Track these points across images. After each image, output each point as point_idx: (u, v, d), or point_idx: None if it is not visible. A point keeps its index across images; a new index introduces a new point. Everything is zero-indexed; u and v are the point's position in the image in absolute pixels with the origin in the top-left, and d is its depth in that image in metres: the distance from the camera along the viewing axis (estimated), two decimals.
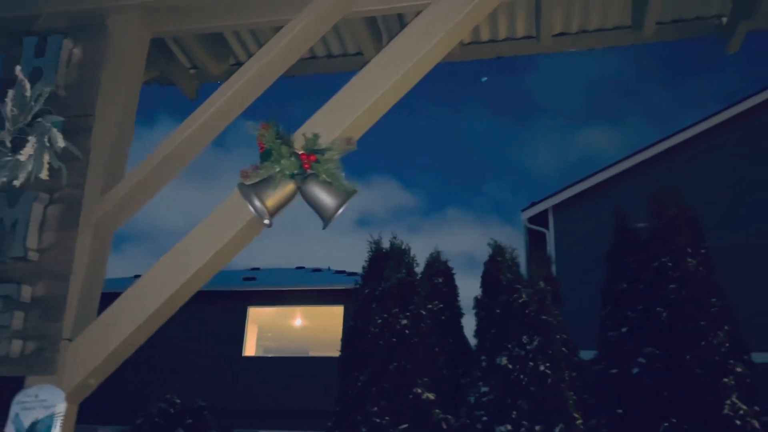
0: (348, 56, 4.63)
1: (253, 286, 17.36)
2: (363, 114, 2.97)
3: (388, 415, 7.31)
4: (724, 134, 14.14)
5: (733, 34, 3.98)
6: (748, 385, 7.13)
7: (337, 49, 4.71)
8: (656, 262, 7.46)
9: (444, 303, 8.56)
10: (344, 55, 4.68)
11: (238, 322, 17.14)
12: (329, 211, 2.72)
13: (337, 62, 4.68)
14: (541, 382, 7.19)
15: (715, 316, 7.26)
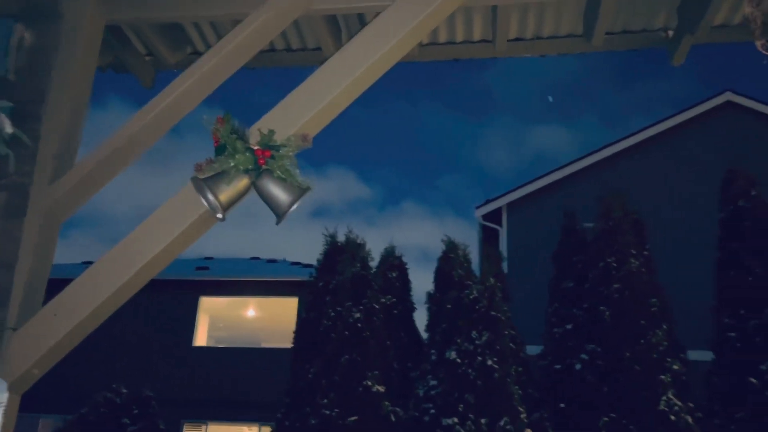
0: (308, 51, 4.66)
1: (205, 275, 17.13)
2: (319, 112, 3.01)
3: (337, 407, 7.37)
4: (671, 139, 14.71)
5: (677, 47, 4.17)
6: (683, 382, 7.50)
7: (296, 44, 4.73)
8: (602, 262, 7.74)
9: (397, 297, 8.67)
10: (304, 49, 4.70)
11: (189, 311, 16.89)
12: (282, 207, 2.75)
13: (296, 56, 4.69)
14: (488, 376, 7.38)
15: (654, 316, 7.59)
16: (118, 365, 15.46)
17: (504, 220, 15.35)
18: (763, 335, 6.99)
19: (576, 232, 8.67)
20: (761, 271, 7.22)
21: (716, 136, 14.40)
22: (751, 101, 14.73)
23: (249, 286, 17.11)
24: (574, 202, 11.38)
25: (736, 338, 7.19)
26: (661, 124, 14.90)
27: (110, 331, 16.31)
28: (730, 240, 7.63)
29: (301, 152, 2.89)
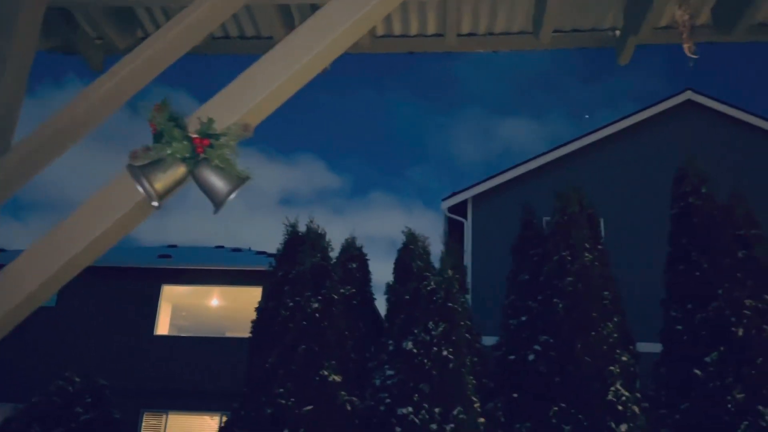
0: (262, 39, 4.63)
1: (168, 263, 16.92)
2: (262, 101, 2.99)
3: (293, 396, 7.39)
4: (633, 136, 15.02)
5: (624, 47, 4.25)
6: (632, 372, 7.71)
7: (251, 32, 4.70)
8: (557, 255, 7.89)
9: (357, 288, 8.70)
10: (258, 37, 4.68)
11: (151, 300, 16.68)
12: (220, 196, 2.74)
13: (250, 44, 4.66)
14: (443, 366, 7.48)
15: (606, 308, 7.78)
16: (76, 353, 15.20)
17: (469, 212, 15.49)
18: (708, 329, 7.22)
19: (533, 226, 8.82)
20: (708, 267, 7.45)
21: (676, 133, 14.75)
22: (710, 100, 15.12)
23: (212, 275, 16.96)
24: (538, 196, 11.55)
25: (683, 331, 7.43)
26: (624, 121, 15.20)
27: (68, 318, 16.06)
28: (680, 236, 7.85)
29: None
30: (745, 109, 14.76)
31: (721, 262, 7.40)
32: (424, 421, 7.20)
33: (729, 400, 6.83)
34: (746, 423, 6.72)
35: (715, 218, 7.67)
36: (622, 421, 7.01)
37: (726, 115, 14.84)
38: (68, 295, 16.43)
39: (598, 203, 14.10)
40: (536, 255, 8.43)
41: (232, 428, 7.65)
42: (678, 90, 15.23)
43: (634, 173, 14.49)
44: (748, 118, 14.64)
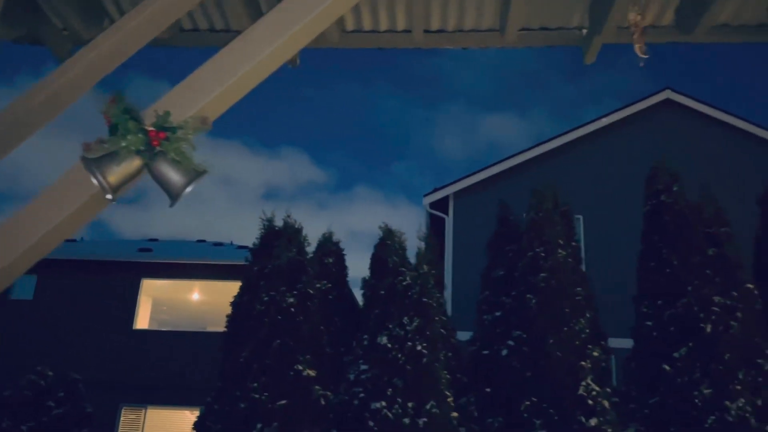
0: (231, 32, 4.63)
1: (148, 257, 16.82)
2: (221, 94, 2.99)
3: (267, 391, 7.39)
4: (612, 134, 15.14)
5: (589, 46, 4.30)
6: (603, 368, 7.81)
7: (220, 24, 4.70)
8: (531, 252, 7.96)
9: (333, 283, 8.71)
10: (227, 30, 4.68)
11: (130, 293, 16.58)
12: (176, 189, 2.74)
13: (219, 37, 4.65)
14: (417, 361, 7.52)
15: (578, 305, 7.87)
16: (53, 347, 15.08)
17: (451, 208, 15.55)
18: (677, 325, 7.33)
19: (509, 223, 8.89)
20: (678, 264, 7.56)
21: (655, 132, 14.89)
22: (689, 99, 15.28)
23: (193, 269, 16.89)
24: (519, 192, 11.60)
25: (653, 327, 7.53)
26: (604, 119, 15.32)
27: (45, 312, 15.90)
28: (651, 233, 7.95)
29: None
30: (723, 109, 14.94)
31: (691, 259, 7.51)
32: (398, 416, 7.24)
33: (697, 395, 6.95)
34: (713, 418, 6.84)
35: (685, 216, 7.78)
36: (593, 416, 7.11)
37: (704, 114, 15.01)
38: (45, 289, 16.30)
39: (578, 200, 14.25)
40: (511, 251, 8.50)
41: (206, 423, 7.64)
42: (660, 88, 15.37)
43: (614, 171, 14.61)
44: (726, 118, 14.83)
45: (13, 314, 14.57)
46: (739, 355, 7.19)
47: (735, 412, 6.79)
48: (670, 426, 7.06)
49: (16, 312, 15.02)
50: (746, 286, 7.64)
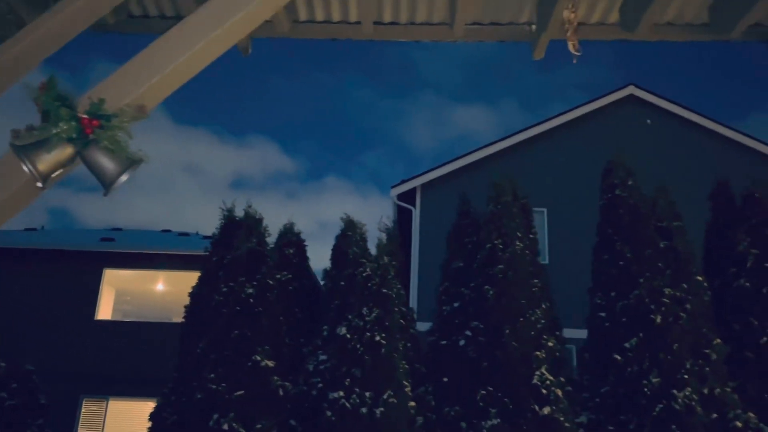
0: (168, 19, 4.59)
1: (110, 247, 16.53)
2: (158, 83, 2.97)
3: (224, 381, 7.37)
4: (576, 129, 15.37)
5: (537, 42, 4.36)
6: (557, 358, 7.96)
7: (170, 11, 4.64)
8: (489, 244, 8.06)
9: (294, 274, 8.70)
10: (178, 17, 4.61)
11: (92, 284, 16.29)
12: (109, 178, 2.72)
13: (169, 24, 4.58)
14: (376, 351, 7.57)
15: (535, 296, 8.01)
16: (11, 338, 14.75)
17: (418, 200, 15.62)
18: (629, 316, 7.52)
19: (469, 215, 8.98)
20: (631, 257, 7.74)
21: (618, 127, 15.16)
22: (652, 96, 15.58)
23: (156, 259, 16.66)
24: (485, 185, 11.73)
25: (606, 318, 7.71)
26: (569, 113, 15.54)
27: (3, 302, 15.51)
28: (606, 226, 8.12)
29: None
30: (684, 105, 15.27)
31: (643, 252, 7.70)
32: (355, 405, 7.29)
33: (646, 384, 7.14)
34: (661, 406, 7.04)
35: (639, 210, 7.96)
36: (546, 404, 7.25)
37: (665, 110, 15.33)
38: (4, 278, 15.92)
39: (542, 194, 14.47)
40: (471, 243, 8.59)
41: (162, 413, 7.59)
42: (628, 82, 15.64)
43: (578, 165, 14.83)
44: (686, 114, 15.16)
45: None
46: (688, 345, 7.41)
47: (682, 400, 7.00)
48: (620, 414, 7.25)
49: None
50: (696, 279, 7.87)
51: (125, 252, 16.53)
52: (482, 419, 7.30)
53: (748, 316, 7.69)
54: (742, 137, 14.84)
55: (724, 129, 14.93)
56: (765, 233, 8.04)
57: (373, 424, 7.20)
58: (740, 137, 14.84)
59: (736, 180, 9.00)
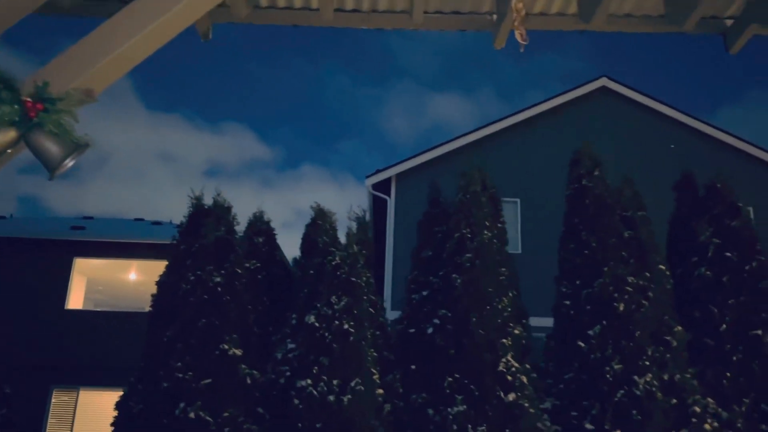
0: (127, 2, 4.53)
1: (81, 236, 16.30)
2: (105, 66, 2.93)
3: (191, 370, 7.35)
4: (550, 120, 15.50)
5: (498, 31, 4.38)
6: (523, 345, 8.07)
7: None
8: (458, 233, 8.11)
9: (263, 262, 8.68)
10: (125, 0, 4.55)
11: (62, 273, 16.07)
12: (53, 163, 2.69)
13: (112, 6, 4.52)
14: (344, 339, 7.61)
15: (502, 284, 8.09)
16: None
17: (393, 190, 15.65)
18: (593, 304, 7.64)
19: (440, 204, 9.02)
20: (596, 246, 7.86)
21: (591, 118, 15.33)
22: (624, 88, 15.76)
23: (127, 248, 16.48)
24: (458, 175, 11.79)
25: (571, 306, 7.83)
26: (543, 104, 15.67)
27: None
28: (572, 216, 8.23)
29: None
30: (654, 97, 15.48)
31: (608, 241, 7.82)
32: (323, 393, 7.33)
33: (608, 370, 7.28)
34: (622, 392, 7.19)
35: (605, 200, 8.08)
36: (511, 391, 7.36)
37: (636, 102, 15.52)
38: None
39: (516, 184, 14.60)
40: (440, 232, 8.64)
41: (128, 402, 7.54)
42: (603, 73, 15.79)
43: (551, 156, 14.95)
44: (656, 106, 15.37)
45: None
46: (649, 332, 7.57)
47: (642, 386, 7.16)
48: (583, 400, 7.38)
49: None
50: (659, 268, 8.02)
51: (96, 241, 16.32)
52: (448, 406, 7.38)
53: (708, 305, 7.88)
54: (710, 129, 15.10)
55: (693, 121, 15.19)
56: (726, 223, 8.23)
57: (340, 412, 7.25)
58: (708, 129, 15.10)
59: (704, 171, 9.17)
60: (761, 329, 7.70)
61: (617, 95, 15.76)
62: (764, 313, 7.83)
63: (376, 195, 15.76)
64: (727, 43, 4.52)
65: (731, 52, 4.46)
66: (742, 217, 8.26)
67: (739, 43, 4.44)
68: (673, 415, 7.22)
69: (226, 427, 7.15)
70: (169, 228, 18.36)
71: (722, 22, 4.50)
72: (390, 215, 15.35)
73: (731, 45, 4.48)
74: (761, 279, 7.97)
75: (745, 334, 7.75)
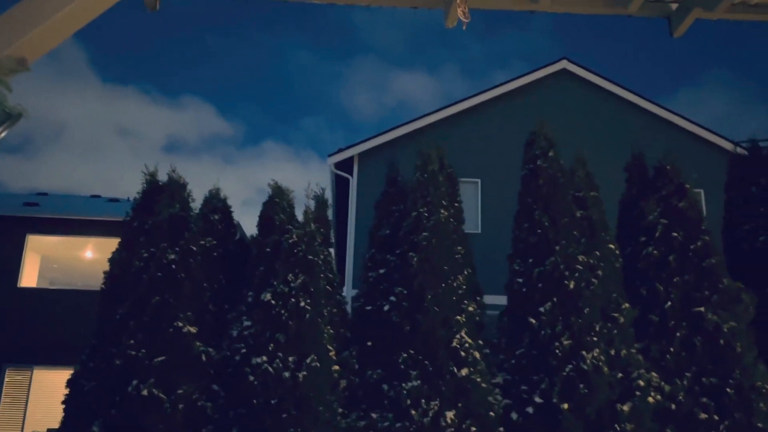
0: None
1: (34, 212, 15.87)
2: (39, 34, 2.85)
3: (144, 347, 7.29)
4: (511, 101, 15.63)
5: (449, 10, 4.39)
6: (477, 322, 8.24)
7: None
8: (415, 211, 8.18)
9: (218, 240, 8.60)
10: None
11: (14, 250, 15.65)
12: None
13: None
14: (300, 317, 7.64)
15: (457, 262, 8.22)
16: None
17: (355, 169, 15.61)
18: (544, 281, 7.83)
19: (397, 183, 9.07)
20: (549, 225, 8.02)
21: (551, 100, 15.51)
22: (583, 70, 15.96)
23: (84, 226, 16.12)
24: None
25: (523, 283, 8.01)
26: (505, 85, 15.77)
27: None
28: (526, 195, 8.37)
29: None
30: (612, 80, 15.74)
31: (560, 220, 8.00)
32: (278, 370, 7.36)
33: (557, 346, 7.50)
34: (570, 366, 7.42)
35: (558, 180, 8.24)
36: (464, 366, 7.52)
37: (595, 85, 15.77)
38: None
39: (477, 164, 14.73)
40: (397, 211, 8.70)
41: (80, 380, 7.45)
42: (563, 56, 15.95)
43: (512, 137, 15.05)
44: (613, 89, 15.64)
45: None
46: (598, 309, 7.80)
47: (590, 361, 7.40)
48: (533, 374, 7.60)
49: None
50: (608, 247, 8.25)
51: (50, 217, 15.92)
52: (403, 381, 7.51)
53: (655, 282, 8.15)
54: (666, 113, 15.46)
55: (649, 104, 15.52)
56: (674, 204, 8.49)
57: (295, 388, 7.30)
58: (665, 113, 15.45)
59: (658, 153, 9.39)
60: (704, 306, 8.01)
61: (576, 77, 15.97)
62: (707, 291, 8.14)
63: (339, 174, 15.71)
64: (671, 26, 4.63)
65: (675, 35, 4.57)
66: (689, 198, 8.53)
67: (683, 26, 4.55)
68: (619, 389, 7.49)
69: (180, 404, 7.13)
70: (126, 205, 17.84)
71: (667, 5, 4.60)
72: (352, 194, 15.33)
73: (675, 28, 4.59)
74: (705, 258, 8.27)
75: (688, 311, 8.05)
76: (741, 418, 7.45)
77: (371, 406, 7.67)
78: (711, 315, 7.91)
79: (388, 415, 7.43)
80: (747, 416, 7.46)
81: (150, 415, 6.94)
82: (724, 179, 10.30)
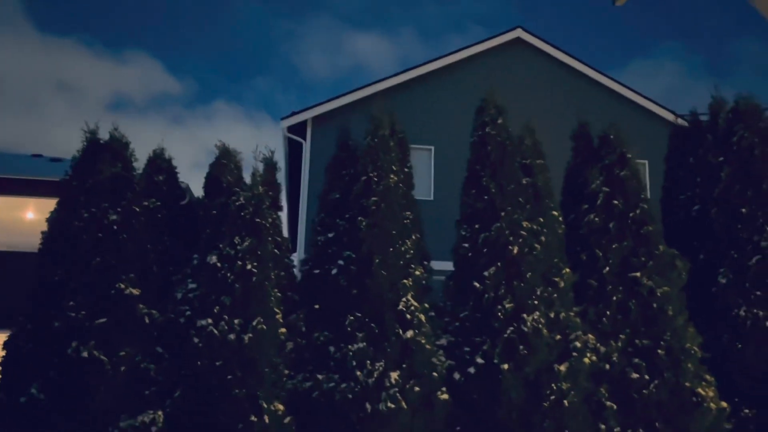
0: None
1: None
2: None
3: (84, 309, 7.14)
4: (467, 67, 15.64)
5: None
6: (423, 285, 8.37)
7: None
8: (365, 176, 8.18)
9: (163, 201, 8.41)
10: None
11: None
12: None
13: None
14: (247, 280, 7.60)
15: (406, 227, 8.29)
16: None
17: (308, 133, 15.42)
18: (489, 247, 8.00)
19: (348, 148, 9.02)
20: (496, 191, 8.16)
21: (504, 69, 15.59)
22: (536, 39, 16.07)
23: (25, 185, 15.46)
24: None
25: (469, 248, 8.16)
26: (459, 53, 15.75)
27: None
28: (475, 162, 8.47)
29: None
30: (565, 51, 15.91)
31: (507, 187, 8.14)
32: (223, 332, 7.34)
33: (500, 309, 7.71)
34: (512, 328, 7.65)
35: (506, 148, 8.35)
36: (409, 328, 7.66)
37: (548, 55, 15.91)
38: None
39: (430, 131, 14.77)
40: (348, 175, 8.68)
41: (17, 342, 7.27)
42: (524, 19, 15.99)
43: (465, 104, 15.02)
44: (566, 59, 15.82)
45: None
46: (540, 274, 8.03)
47: (530, 323, 7.64)
48: (475, 336, 7.81)
49: None
50: (552, 213, 8.46)
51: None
52: (349, 343, 7.60)
53: (595, 248, 8.42)
54: (614, 84, 15.77)
55: (599, 75, 15.80)
56: (616, 173, 8.73)
57: (241, 350, 7.31)
58: (613, 84, 15.76)
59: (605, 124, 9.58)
60: (640, 272, 8.34)
61: (531, 47, 16.07)
62: (644, 257, 8.47)
63: (292, 138, 15.50)
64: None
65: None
66: (630, 167, 8.78)
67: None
68: (557, 350, 7.78)
69: (122, 366, 7.06)
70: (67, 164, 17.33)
71: None
72: (305, 159, 15.18)
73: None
74: (643, 225, 8.57)
75: (625, 276, 8.37)
76: (670, 378, 7.86)
77: (318, 367, 7.76)
78: (646, 280, 8.25)
79: (334, 376, 7.54)
80: (676, 376, 7.88)
81: (90, 377, 6.85)
82: None
